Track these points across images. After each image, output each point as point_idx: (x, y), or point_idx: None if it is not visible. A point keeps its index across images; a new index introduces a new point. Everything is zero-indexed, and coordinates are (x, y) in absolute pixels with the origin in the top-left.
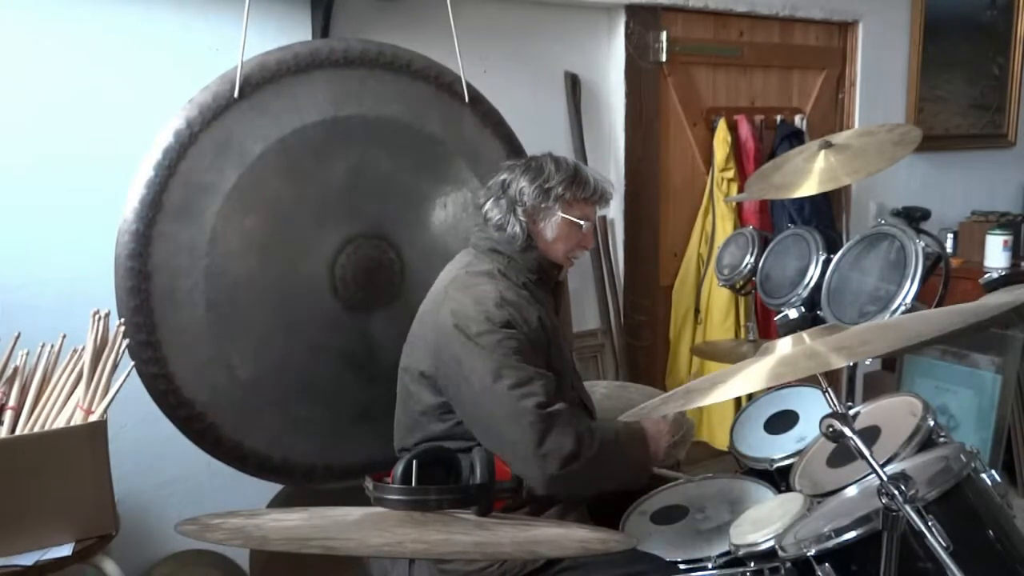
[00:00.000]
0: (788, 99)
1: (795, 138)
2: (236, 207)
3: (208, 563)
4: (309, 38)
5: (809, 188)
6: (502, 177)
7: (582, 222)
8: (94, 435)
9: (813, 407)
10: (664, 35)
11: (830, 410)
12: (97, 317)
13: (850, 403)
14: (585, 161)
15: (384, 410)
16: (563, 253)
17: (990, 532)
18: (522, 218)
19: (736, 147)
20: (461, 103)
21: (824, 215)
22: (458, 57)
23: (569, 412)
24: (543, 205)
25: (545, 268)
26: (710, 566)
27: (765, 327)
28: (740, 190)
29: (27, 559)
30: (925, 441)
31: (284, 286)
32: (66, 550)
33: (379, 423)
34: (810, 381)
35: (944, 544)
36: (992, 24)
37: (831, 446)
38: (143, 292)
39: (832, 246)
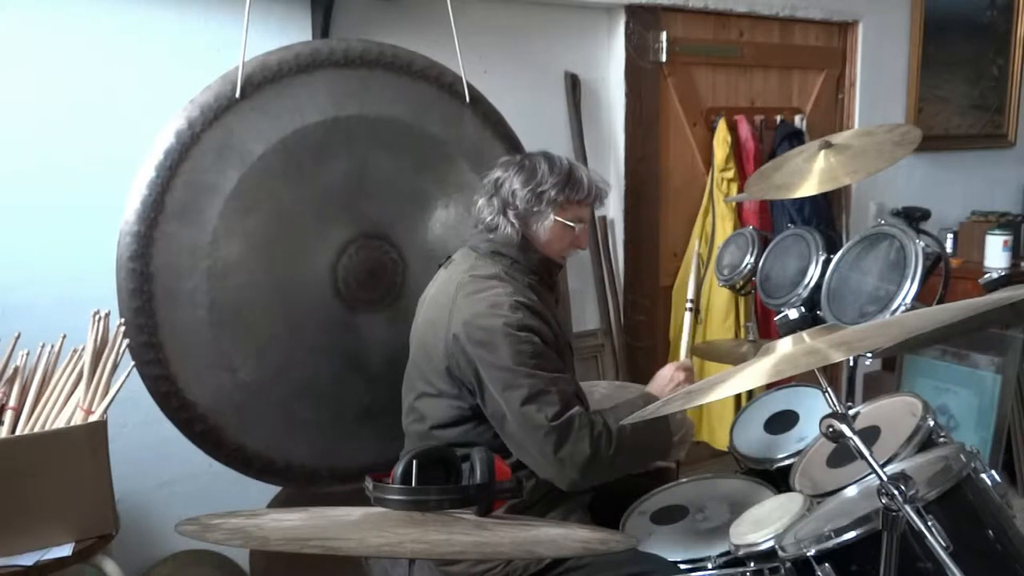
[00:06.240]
0: (788, 99)
1: (795, 138)
2: (238, 208)
3: (208, 563)
4: (309, 38)
5: (809, 188)
6: (496, 175)
7: (575, 224)
8: (94, 435)
9: (813, 407)
10: (664, 35)
11: (830, 410)
12: (97, 317)
13: (850, 403)
14: (585, 161)
15: (386, 411)
16: (557, 253)
17: (990, 532)
18: (513, 220)
19: (736, 147)
20: (462, 103)
21: (824, 215)
22: (458, 57)
23: (585, 416)
24: (535, 209)
25: (547, 267)
26: (710, 566)
27: (765, 327)
28: (740, 190)
29: (27, 559)
30: (925, 441)
31: (286, 287)
32: (66, 550)
33: (381, 425)
34: (810, 381)
35: (944, 544)
36: (992, 24)
37: (831, 446)
38: (145, 293)
39: (832, 246)
